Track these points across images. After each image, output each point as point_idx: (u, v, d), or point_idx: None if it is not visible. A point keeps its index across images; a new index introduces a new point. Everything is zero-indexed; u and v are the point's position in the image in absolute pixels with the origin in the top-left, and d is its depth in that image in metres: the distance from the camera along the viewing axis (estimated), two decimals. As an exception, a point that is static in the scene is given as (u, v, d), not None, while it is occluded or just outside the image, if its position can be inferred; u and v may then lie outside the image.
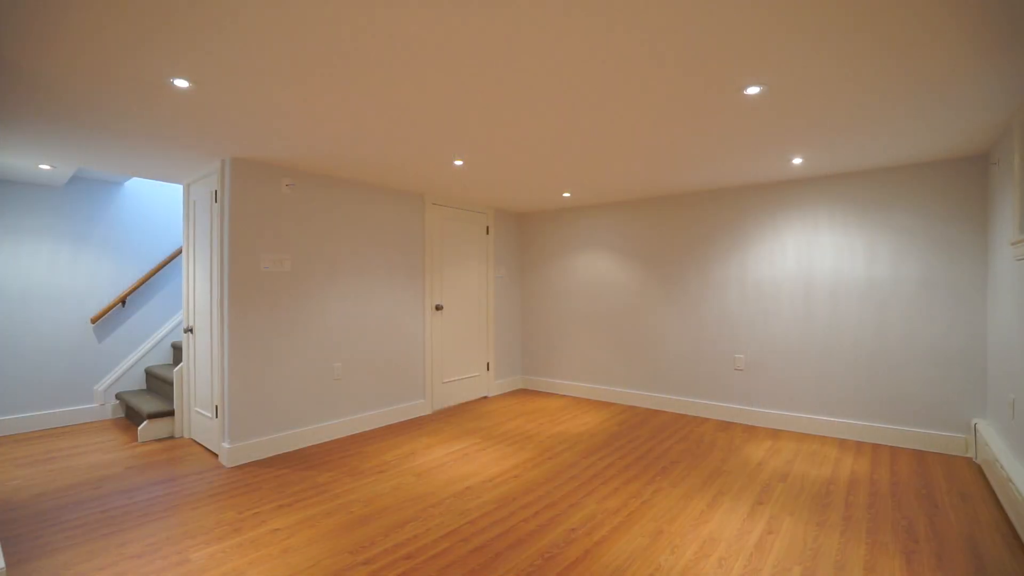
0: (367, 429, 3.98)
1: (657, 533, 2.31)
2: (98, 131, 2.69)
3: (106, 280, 4.37)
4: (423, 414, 4.44)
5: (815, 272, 3.82)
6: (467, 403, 4.89)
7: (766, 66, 1.95)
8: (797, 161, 3.36)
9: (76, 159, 3.27)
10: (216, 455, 3.38)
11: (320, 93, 2.20)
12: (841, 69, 1.98)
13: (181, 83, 2.06)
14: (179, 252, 4.69)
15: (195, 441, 3.69)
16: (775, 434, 3.80)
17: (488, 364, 5.19)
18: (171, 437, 3.81)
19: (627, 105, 2.35)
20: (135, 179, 4.52)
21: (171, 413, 3.81)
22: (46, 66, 1.92)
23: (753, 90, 2.17)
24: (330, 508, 2.58)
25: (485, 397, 5.14)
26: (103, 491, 2.81)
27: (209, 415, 3.45)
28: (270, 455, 3.38)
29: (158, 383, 4.27)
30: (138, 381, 4.49)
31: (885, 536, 2.27)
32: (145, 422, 3.71)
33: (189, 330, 3.77)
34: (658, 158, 3.29)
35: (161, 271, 4.66)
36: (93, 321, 4.20)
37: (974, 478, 2.92)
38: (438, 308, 4.61)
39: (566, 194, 4.51)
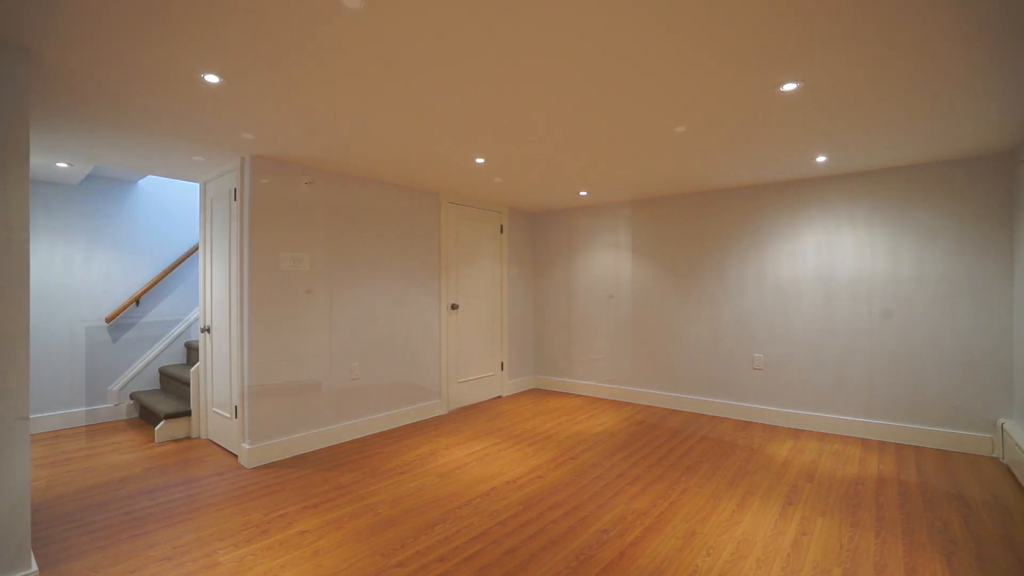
0: (385, 429, 3.96)
1: (690, 534, 2.28)
2: (123, 128, 2.66)
3: (120, 279, 4.34)
4: (439, 414, 4.42)
5: (836, 270, 3.79)
6: (482, 403, 4.87)
7: (805, 62, 1.92)
8: (821, 159, 3.34)
9: (97, 157, 3.24)
10: (235, 456, 3.35)
11: (348, 93, 2.17)
12: (872, 66, 1.95)
13: (212, 78, 2.03)
14: (193, 251, 4.66)
15: (212, 442, 3.66)
16: (796, 434, 3.77)
17: (502, 364, 5.16)
18: (188, 437, 3.78)
19: (657, 103, 2.32)
20: (149, 177, 4.49)
21: (188, 413, 3.78)
22: (76, 61, 1.89)
23: (789, 86, 2.14)
24: (356, 509, 2.56)
25: (499, 397, 5.12)
26: (125, 492, 2.78)
27: (228, 415, 3.43)
28: (290, 456, 3.35)
29: (172, 383, 4.24)
30: (152, 381, 4.46)
31: (921, 536, 2.24)
32: (162, 422, 3.68)
33: (206, 330, 3.74)
34: (683, 157, 3.26)
35: (174, 270, 4.63)
36: (108, 320, 4.17)
37: (1003, 478, 2.90)
38: (454, 307, 4.59)
39: (583, 192, 4.48)
